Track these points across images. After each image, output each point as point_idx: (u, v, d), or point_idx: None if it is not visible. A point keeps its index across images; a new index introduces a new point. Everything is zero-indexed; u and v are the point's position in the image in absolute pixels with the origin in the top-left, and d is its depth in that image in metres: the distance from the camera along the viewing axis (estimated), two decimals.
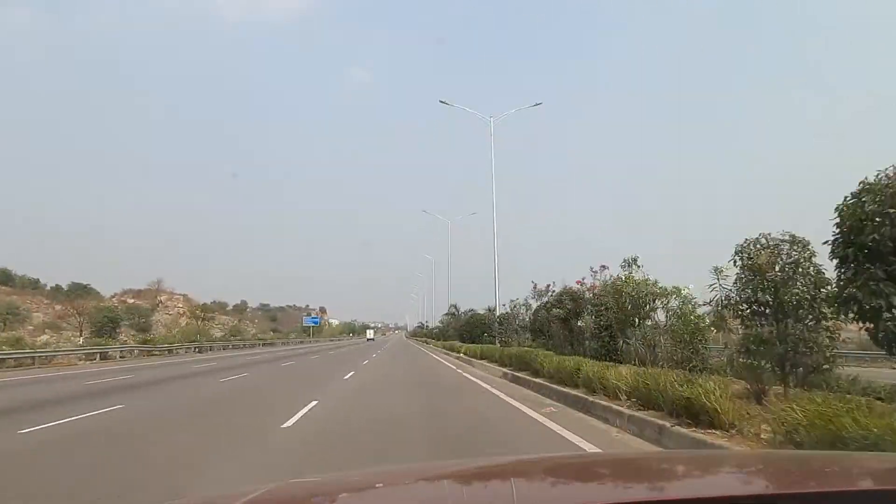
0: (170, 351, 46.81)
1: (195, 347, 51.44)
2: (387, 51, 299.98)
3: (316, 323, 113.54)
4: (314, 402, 11.07)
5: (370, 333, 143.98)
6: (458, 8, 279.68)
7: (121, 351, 40.20)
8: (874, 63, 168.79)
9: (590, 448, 6.35)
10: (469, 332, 41.46)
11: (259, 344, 73.24)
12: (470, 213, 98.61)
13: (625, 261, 14.36)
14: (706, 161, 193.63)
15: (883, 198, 6.08)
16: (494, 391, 13.11)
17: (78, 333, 51.00)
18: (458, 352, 31.94)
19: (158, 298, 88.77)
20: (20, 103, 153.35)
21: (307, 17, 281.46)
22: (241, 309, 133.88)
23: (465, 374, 19.19)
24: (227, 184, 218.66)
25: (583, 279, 18.17)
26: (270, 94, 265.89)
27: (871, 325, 6.28)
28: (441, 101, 33.13)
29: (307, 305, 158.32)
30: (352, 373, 20.30)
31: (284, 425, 8.46)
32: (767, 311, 7.55)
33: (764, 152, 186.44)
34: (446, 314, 57.42)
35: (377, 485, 1.82)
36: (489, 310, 39.10)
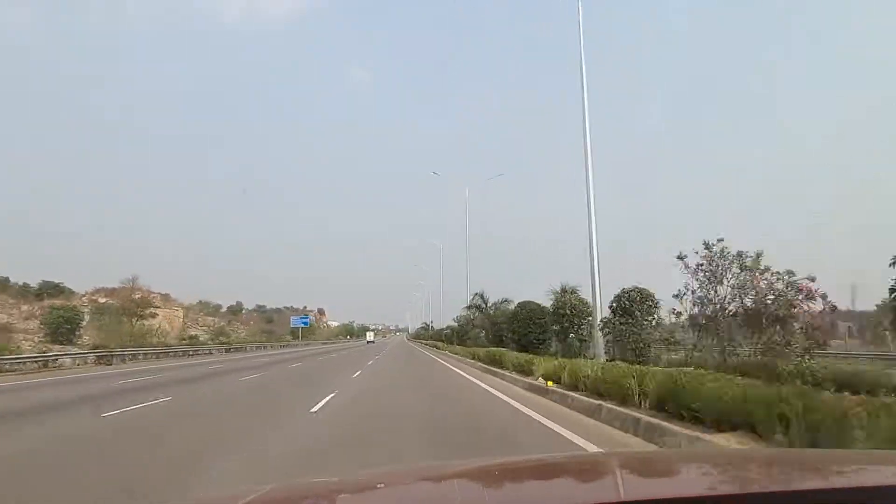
0: (45, 364, 30.15)
1: (97, 357, 34.77)
2: (387, 49, 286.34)
3: (305, 324, 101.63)
4: None
5: (370, 336, 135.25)
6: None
7: None
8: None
9: None
10: (520, 332, 23.93)
11: (223, 350, 56.65)
12: (496, 174, 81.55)
13: None
14: None
15: None
16: None
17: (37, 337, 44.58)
18: (527, 372, 14.65)
19: (133, 297, 76.10)
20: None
21: (306, 18, 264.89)
22: (235, 310, 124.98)
23: None
24: (226, 186, 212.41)
25: None
26: (269, 96, 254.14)
27: None
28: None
29: (304, 307, 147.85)
30: None
31: None
32: None
33: None
34: (469, 307, 39.66)
35: (379, 485, 1.76)
36: (565, 291, 21.38)
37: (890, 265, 8.62)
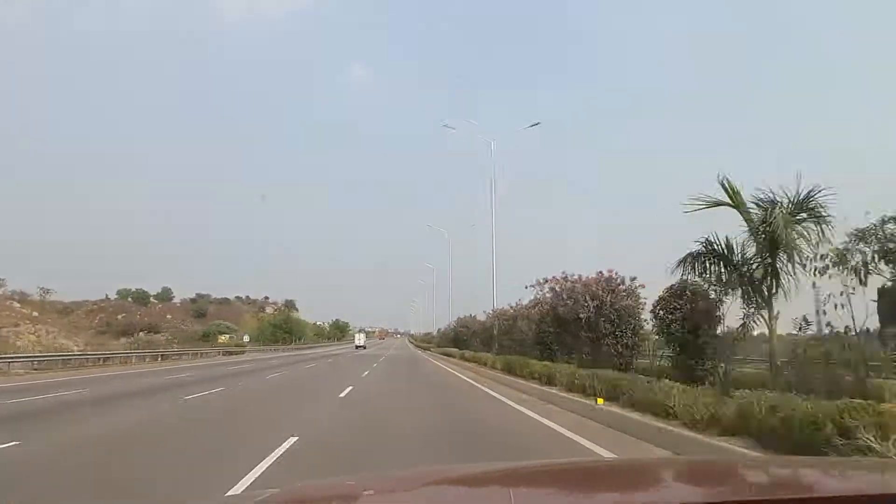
0: None
1: None
2: (385, 50, 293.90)
3: None
4: None
5: (360, 339, 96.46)
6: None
7: None
8: None
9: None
10: None
11: None
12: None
13: None
14: None
15: None
16: None
17: None
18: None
19: None
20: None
21: (307, 16, 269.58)
22: (163, 297, 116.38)
23: None
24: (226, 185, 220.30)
25: None
26: (269, 95, 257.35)
27: None
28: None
29: (266, 297, 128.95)
30: None
31: None
32: None
33: None
34: None
35: (390, 488, 1.81)
36: None
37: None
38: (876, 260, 8.74)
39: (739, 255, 10.58)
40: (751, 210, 10.10)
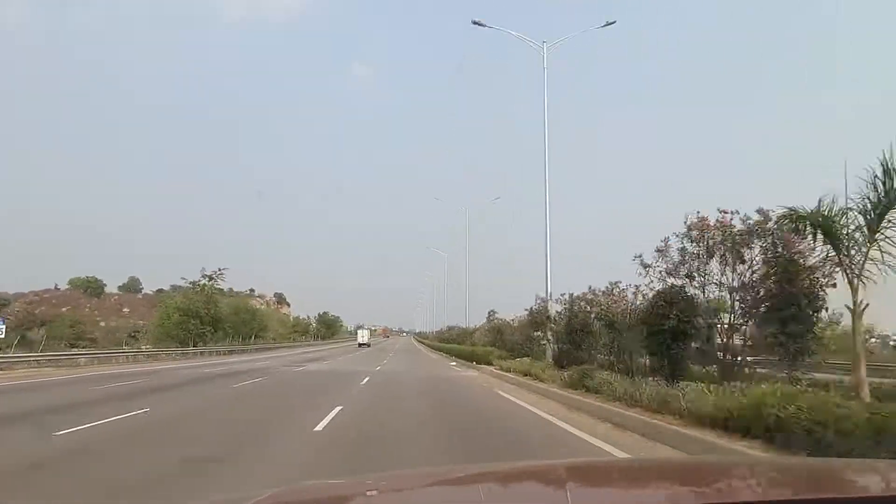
0: None
1: None
2: (387, 45, 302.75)
3: None
4: None
5: (363, 336, 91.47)
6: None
7: None
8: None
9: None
10: None
11: None
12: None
13: None
14: None
15: None
16: None
17: None
18: None
19: None
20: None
21: (308, 16, 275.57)
22: (129, 288, 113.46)
23: None
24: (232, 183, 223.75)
25: None
26: (270, 95, 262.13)
27: None
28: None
29: (251, 290, 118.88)
30: None
31: None
32: None
33: None
34: None
35: (390, 488, 1.81)
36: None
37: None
38: None
39: None
40: None
